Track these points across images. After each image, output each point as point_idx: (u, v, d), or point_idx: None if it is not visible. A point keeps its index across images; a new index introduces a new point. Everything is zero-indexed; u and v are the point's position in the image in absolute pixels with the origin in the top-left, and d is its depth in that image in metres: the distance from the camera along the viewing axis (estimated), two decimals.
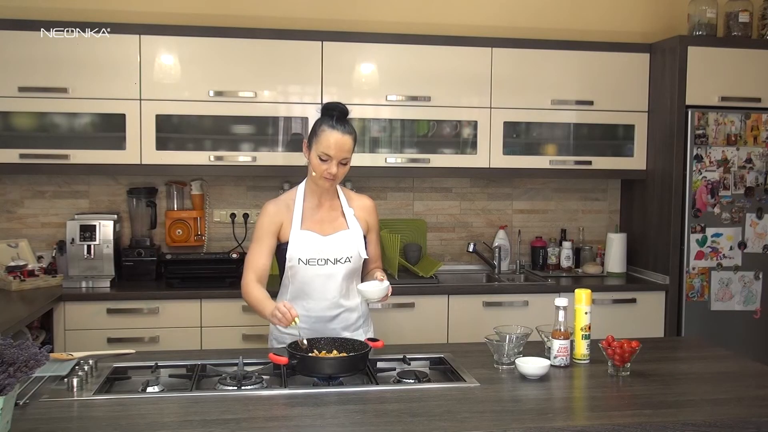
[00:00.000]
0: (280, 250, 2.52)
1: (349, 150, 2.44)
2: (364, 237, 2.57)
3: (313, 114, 3.70)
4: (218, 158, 3.66)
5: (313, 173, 2.45)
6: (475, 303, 3.64)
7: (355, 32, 3.80)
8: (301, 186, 2.58)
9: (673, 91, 3.77)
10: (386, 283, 2.41)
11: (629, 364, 2.17)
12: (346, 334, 2.51)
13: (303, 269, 2.49)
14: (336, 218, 2.55)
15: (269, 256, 2.53)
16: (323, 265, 2.48)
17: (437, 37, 3.81)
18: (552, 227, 4.33)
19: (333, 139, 2.40)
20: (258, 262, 2.50)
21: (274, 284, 2.96)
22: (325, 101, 3.67)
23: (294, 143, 3.74)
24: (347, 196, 2.62)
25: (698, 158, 3.76)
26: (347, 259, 2.50)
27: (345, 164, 2.45)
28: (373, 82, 3.76)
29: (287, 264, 2.51)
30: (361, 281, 2.56)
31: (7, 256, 3.60)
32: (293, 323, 2.22)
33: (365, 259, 2.57)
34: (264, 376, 2.11)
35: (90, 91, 3.54)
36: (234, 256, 3.80)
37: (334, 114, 2.44)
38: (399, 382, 2.12)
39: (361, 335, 2.56)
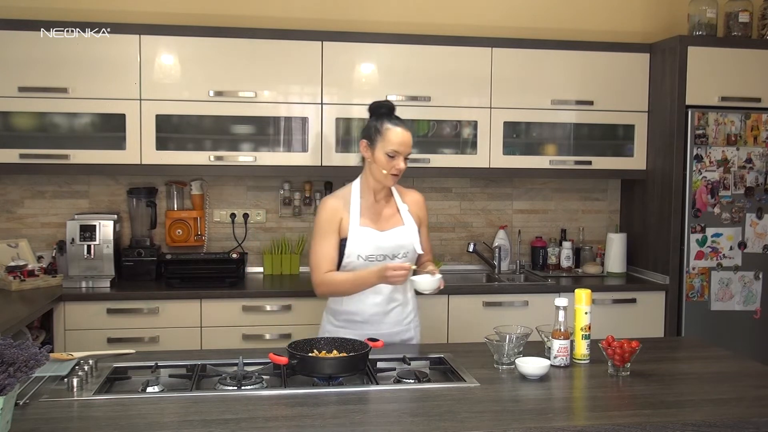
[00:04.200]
0: (339, 246, 2.55)
1: (410, 144, 2.53)
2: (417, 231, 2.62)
3: (313, 114, 3.71)
4: (218, 158, 3.66)
5: (383, 171, 2.51)
6: (475, 303, 3.64)
7: (355, 32, 3.80)
8: (356, 183, 2.64)
9: (673, 91, 3.77)
10: (439, 275, 2.45)
11: (629, 364, 2.17)
12: (399, 329, 2.58)
13: (361, 265, 2.52)
14: (392, 214, 2.60)
15: (337, 251, 2.55)
16: (381, 261, 2.52)
17: (437, 37, 3.81)
18: (552, 227, 4.33)
19: (400, 135, 2.49)
20: (329, 255, 2.53)
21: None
22: (325, 101, 3.70)
23: (293, 143, 3.74)
24: (399, 191, 2.67)
25: (698, 158, 3.76)
26: (404, 255, 2.56)
27: (407, 159, 2.53)
28: (373, 82, 3.76)
29: (345, 260, 2.54)
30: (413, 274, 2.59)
31: (7, 256, 3.60)
32: (415, 282, 2.42)
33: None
34: (264, 376, 2.11)
35: (90, 91, 3.54)
36: (234, 256, 3.80)
37: (390, 111, 2.54)
38: (399, 382, 2.12)
39: (411, 331, 2.63)
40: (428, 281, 2.45)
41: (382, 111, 2.55)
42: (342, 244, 2.54)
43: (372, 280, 2.46)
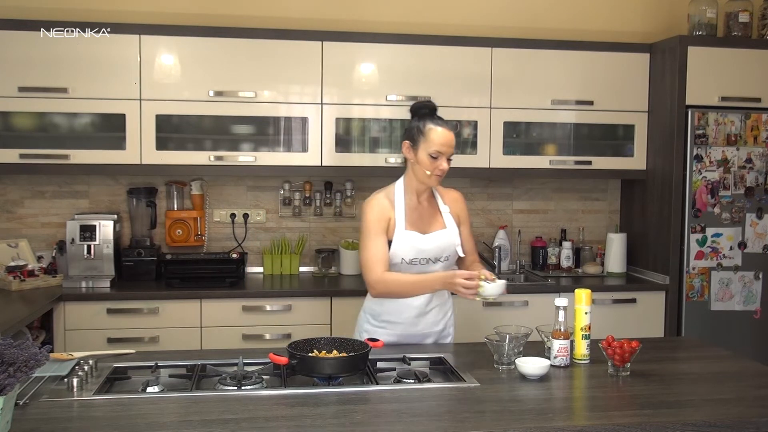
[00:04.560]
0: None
1: (453, 144, 2.51)
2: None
3: (313, 114, 3.71)
4: (218, 158, 3.66)
5: (427, 172, 2.49)
6: (475, 303, 3.63)
7: (355, 32, 3.80)
8: (399, 184, 2.61)
9: (673, 91, 3.77)
10: (503, 280, 2.39)
11: (629, 364, 2.17)
12: (436, 329, 2.60)
13: (404, 268, 2.52)
14: (434, 217, 2.59)
15: (388, 250, 2.51)
16: (424, 264, 2.53)
17: (437, 37, 3.81)
18: (552, 227, 4.33)
19: (443, 136, 2.48)
20: (383, 255, 2.48)
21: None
22: (325, 101, 3.70)
23: (293, 143, 3.74)
24: (439, 192, 2.66)
25: (698, 158, 3.76)
26: (446, 258, 2.55)
27: (450, 159, 2.51)
28: (373, 82, 3.76)
29: (390, 261, 2.52)
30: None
31: (7, 256, 3.60)
32: (480, 288, 2.31)
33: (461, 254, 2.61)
34: (264, 376, 2.11)
35: (90, 91, 3.54)
36: (234, 256, 3.80)
37: (432, 112, 2.53)
38: (399, 382, 2.12)
39: (448, 329, 2.65)
40: (494, 287, 2.34)
41: (424, 111, 2.53)
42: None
43: (436, 286, 2.45)
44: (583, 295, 2.29)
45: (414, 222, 2.54)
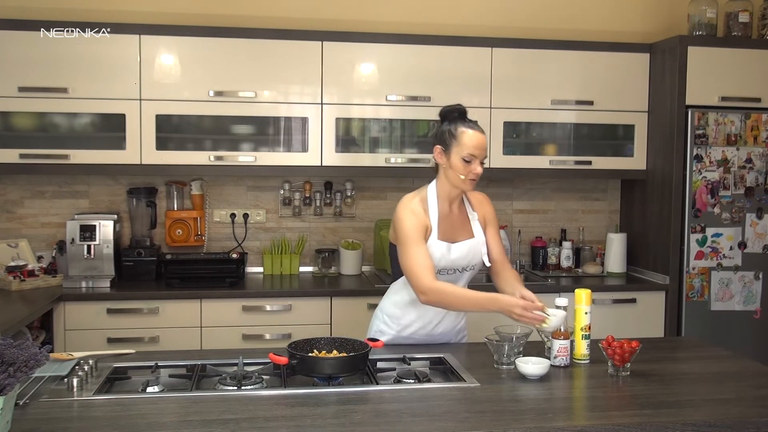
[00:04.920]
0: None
1: (485, 147, 2.45)
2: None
3: (313, 114, 3.71)
4: (218, 158, 3.66)
5: (461, 176, 2.42)
6: None
7: (355, 32, 3.80)
8: (432, 191, 2.51)
9: (673, 91, 3.77)
10: (562, 311, 2.27)
11: (629, 364, 2.17)
12: (452, 334, 2.58)
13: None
14: (464, 225, 2.54)
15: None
16: (452, 274, 2.50)
17: (437, 37, 3.81)
18: (552, 227, 4.33)
19: (476, 138, 2.41)
20: (429, 262, 2.38)
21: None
22: (325, 101, 3.70)
23: (293, 143, 3.74)
24: (469, 196, 2.60)
25: (698, 158, 3.76)
26: (471, 267, 2.53)
27: (483, 162, 2.45)
28: (373, 82, 3.76)
29: None
30: (497, 289, 2.53)
31: (7, 256, 3.60)
32: (545, 321, 2.22)
33: (489, 259, 2.56)
34: (264, 376, 2.11)
35: (90, 91, 3.54)
36: (234, 256, 3.80)
37: (462, 115, 2.47)
38: (399, 382, 2.12)
39: (462, 332, 2.63)
40: (558, 320, 2.23)
41: (455, 115, 2.46)
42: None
43: (490, 308, 2.33)
44: (583, 295, 2.29)
45: (445, 231, 2.49)
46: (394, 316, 2.56)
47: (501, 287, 2.55)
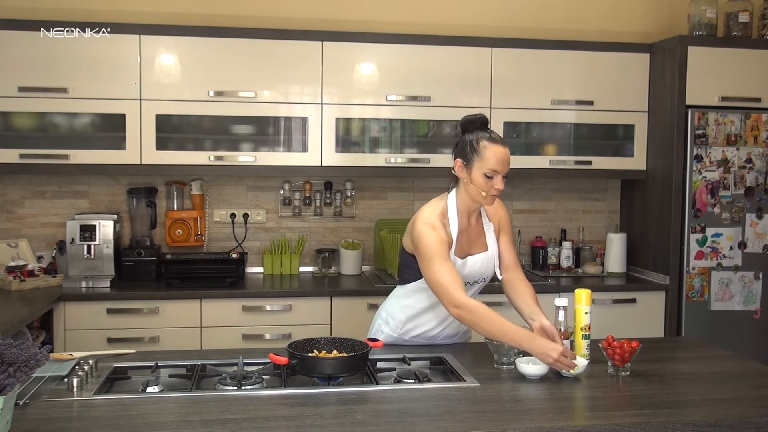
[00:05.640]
0: (416, 263, 2.41)
1: (509, 162, 2.33)
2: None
3: (313, 114, 3.71)
4: (218, 158, 3.66)
5: (482, 193, 2.32)
6: None
7: (355, 32, 3.80)
8: (452, 204, 2.41)
9: (673, 91, 3.77)
10: (584, 360, 2.15)
11: (629, 364, 2.17)
12: (455, 339, 2.57)
13: None
14: (479, 238, 2.48)
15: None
16: None
17: (437, 37, 3.81)
18: (552, 227, 4.33)
19: (499, 154, 2.29)
20: (457, 278, 2.29)
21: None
22: (325, 101, 3.70)
23: (293, 143, 3.74)
24: (484, 207, 2.51)
25: (698, 158, 3.76)
26: (483, 280, 2.50)
27: (506, 177, 2.33)
28: (373, 82, 3.76)
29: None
30: (511, 302, 2.50)
31: (7, 256, 3.60)
32: (573, 370, 2.12)
33: (501, 265, 2.52)
34: (264, 376, 2.11)
35: (90, 91, 3.54)
36: (234, 256, 3.80)
37: (483, 126, 2.36)
38: (399, 382, 2.12)
39: (467, 337, 2.61)
40: (583, 367, 2.15)
41: (476, 126, 2.35)
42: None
43: (523, 344, 2.16)
44: (583, 295, 2.29)
45: (461, 245, 2.44)
46: (398, 320, 2.53)
47: (516, 303, 2.49)
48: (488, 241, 2.49)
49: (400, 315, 2.53)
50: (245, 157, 3.68)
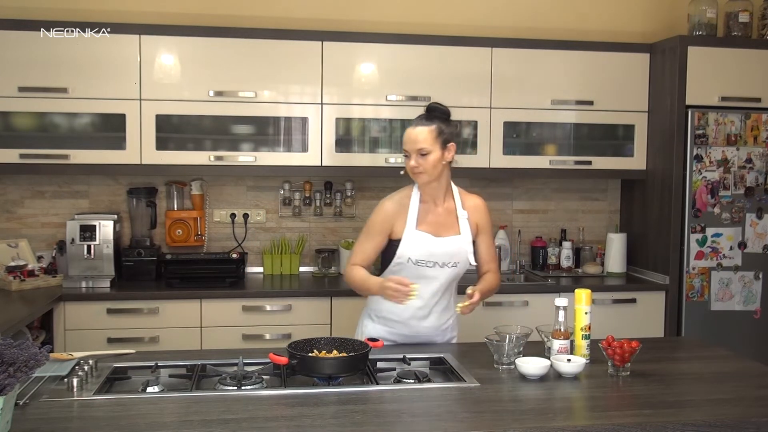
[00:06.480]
0: (391, 246, 2.54)
1: (421, 140, 2.48)
2: (474, 241, 2.58)
3: (313, 114, 3.71)
4: (218, 158, 3.66)
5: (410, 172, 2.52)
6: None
7: (355, 32, 3.80)
8: (416, 187, 2.60)
9: (673, 91, 3.77)
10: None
11: (629, 364, 2.17)
12: (437, 333, 2.59)
13: (410, 268, 2.51)
14: (450, 221, 2.57)
15: (376, 252, 2.57)
16: (431, 267, 2.51)
17: (437, 37, 3.81)
18: (552, 227, 4.33)
19: (407, 134, 2.51)
20: (365, 252, 2.56)
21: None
22: (325, 101, 3.71)
23: (293, 143, 3.75)
24: (461, 196, 2.63)
25: (698, 158, 3.76)
26: (454, 264, 2.53)
27: (425, 155, 2.47)
28: (373, 82, 3.76)
29: (395, 260, 2.52)
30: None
31: (7, 256, 3.60)
32: (412, 295, 2.31)
33: (476, 261, 2.60)
34: (264, 376, 2.11)
35: (90, 91, 3.54)
36: (234, 256, 3.80)
37: (422, 114, 2.55)
38: (399, 382, 2.12)
39: (449, 333, 2.63)
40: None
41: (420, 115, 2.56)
42: (395, 245, 2.52)
43: (373, 289, 2.47)
44: (583, 295, 2.29)
45: (429, 224, 2.53)
46: (376, 310, 2.62)
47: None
48: (461, 226, 2.56)
49: (377, 305, 2.60)
50: (245, 157, 3.68)
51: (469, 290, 2.43)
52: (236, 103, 3.65)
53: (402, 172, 2.59)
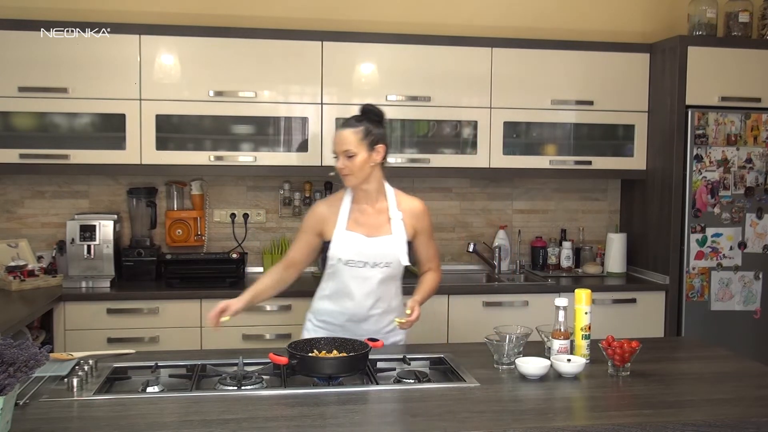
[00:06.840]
0: (326, 248, 2.56)
1: (346, 143, 2.50)
2: (410, 242, 2.58)
3: (313, 114, 3.71)
4: (218, 158, 3.66)
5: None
6: (475, 303, 3.64)
7: (355, 32, 3.80)
8: (349, 189, 2.61)
9: (673, 91, 3.77)
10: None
11: (629, 364, 2.17)
12: (379, 337, 2.54)
13: (342, 269, 2.52)
14: (381, 222, 2.56)
15: (304, 251, 2.61)
16: (362, 267, 2.51)
17: (437, 37, 3.81)
18: (552, 227, 4.33)
19: (335, 137, 2.57)
20: (293, 250, 2.62)
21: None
22: (325, 101, 3.70)
23: (293, 143, 3.75)
24: (397, 198, 2.60)
25: (698, 158, 3.76)
26: (386, 264, 2.52)
27: (351, 157, 2.48)
28: (373, 82, 3.76)
29: (328, 262, 2.55)
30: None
31: (7, 256, 3.60)
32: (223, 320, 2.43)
33: (417, 260, 2.63)
34: (264, 376, 2.11)
35: (90, 91, 3.54)
36: (234, 256, 3.80)
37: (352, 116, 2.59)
38: (399, 382, 2.12)
39: (391, 337, 2.60)
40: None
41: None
42: (327, 246, 2.55)
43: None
44: (583, 295, 2.29)
45: (358, 224, 2.54)
46: (316, 312, 2.65)
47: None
48: (393, 227, 2.55)
49: (318, 306, 2.65)
50: (245, 157, 3.68)
51: (409, 304, 2.44)
52: (236, 103, 3.65)
53: (331, 173, 2.63)
